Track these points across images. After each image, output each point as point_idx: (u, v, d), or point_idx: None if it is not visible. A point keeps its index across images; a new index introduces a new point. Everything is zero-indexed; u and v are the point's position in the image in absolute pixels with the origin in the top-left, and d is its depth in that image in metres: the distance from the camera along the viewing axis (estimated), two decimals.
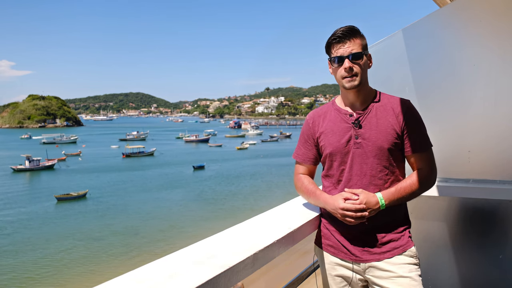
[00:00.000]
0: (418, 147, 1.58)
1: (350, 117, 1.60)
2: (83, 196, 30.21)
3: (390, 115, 1.57)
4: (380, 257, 1.56)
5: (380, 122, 1.56)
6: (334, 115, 1.66)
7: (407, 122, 1.56)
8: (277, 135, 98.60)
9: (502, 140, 2.07)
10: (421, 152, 1.59)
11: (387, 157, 1.56)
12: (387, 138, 1.55)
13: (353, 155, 1.58)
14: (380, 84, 2.17)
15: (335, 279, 1.67)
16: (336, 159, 1.62)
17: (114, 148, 69.52)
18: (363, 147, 1.56)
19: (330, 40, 1.57)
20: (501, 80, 2.06)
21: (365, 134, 1.56)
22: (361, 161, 1.57)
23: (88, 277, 15.81)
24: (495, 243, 2.08)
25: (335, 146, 1.60)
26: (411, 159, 1.61)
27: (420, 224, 2.28)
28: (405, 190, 1.54)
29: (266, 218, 1.68)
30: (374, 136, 1.55)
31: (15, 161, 47.88)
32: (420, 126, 1.60)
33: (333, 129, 1.63)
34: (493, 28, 2.07)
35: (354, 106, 1.62)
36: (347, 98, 1.63)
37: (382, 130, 1.55)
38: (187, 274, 1.08)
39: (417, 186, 1.55)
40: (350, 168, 1.59)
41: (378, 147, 1.54)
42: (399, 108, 1.58)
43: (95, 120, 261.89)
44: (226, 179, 37.85)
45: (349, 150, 1.58)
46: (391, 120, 1.56)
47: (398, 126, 1.56)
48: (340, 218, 1.52)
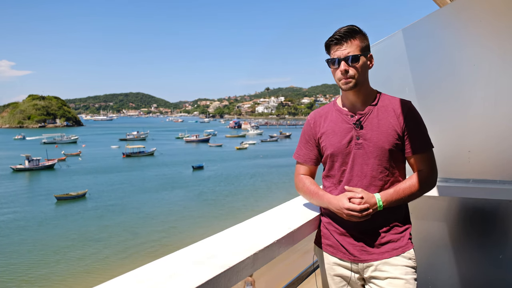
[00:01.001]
0: (419, 148, 1.57)
1: (352, 117, 1.60)
2: (83, 196, 30.20)
3: (391, 116, 1.57)
4: (378, 257, 1.56)
5: (381, 123, 1.56)
6: (335, 115, 1.66)
7: (408, 123, 1.56)
8: (277, 135, 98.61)
9: (502, 140, 2.07)
10: (422, 153, 1.58)
11: (388, 158, 1.55)
12: (388, 139, 1.55)
13: (354, 156, 1.58)
14: (380, 84, 2.17)
15: (334, 278, 1.67)
16: (337, 160, 1.62)
17: (114, 148, 69.51)
18: (364, 148, 1.56)
19: (328, 42, 1.57)
20: (501, 80, 2.06)
21: (366, 135, 1.56)
22: (362, 162, 1.57)
23: (88, 277, 15.81)
24: (495, 243, 2.08)
25: (336, 146, 1.61)
26: (412, 160, 1.60)
27: (420, 224, 2.28)
28: (404, 192, 1.54)
29: (266, 218, 1.68)
30: (376, 137, 1.55)
31: (14, 161, 47.86)
32: (420, 127, 1.60)
33: (334, 129, 1.63)
34: (493, 28, 2.07)
35: (355, 107, 1.62)
36: (348, 98, 1.64)
37: (383, 131, 1.55)
38: (187, 274, 1.08)
39: (416, 187, 1.54)
40: (351, 168, 1.59)
41: (379, 148, 1.54)
42: (400, 109, 1.58)
43: (95, 120, 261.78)
44: (226, 179, 37.86)
45: (350, 150, 1.58)
46: (392, 121, 1.56)
47: (399, 127, 1.56)
48: (346, 217, 1.53)
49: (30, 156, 45.74)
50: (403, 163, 1.63)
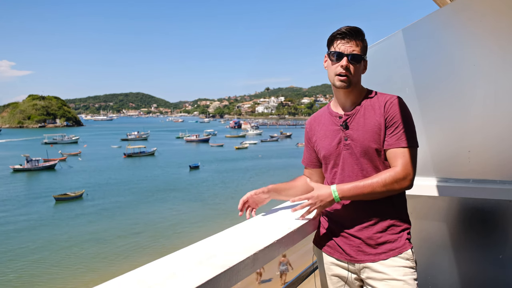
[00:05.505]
0: (395, 142, 1.49)
1: (340, 119, 1.61)
2: (80, 197, 30.16)
3: (378, 113, 1.55)
4: (375, 258, 1.54)
5: (367, 122, 1.55)
6: (327, 118, 1.68)
7: (389, 117, 1.52)
8: (277, 135, 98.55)
9: (502, 140, 2.07)
10: (397, 148, 1.49)
11: (377, 157, 1.54)
12: (373, 137, 1.53)
13: (344, 157, 1.59)
14: (380, 84, 2.17)
15: (331, 278, 1.67)
16: (330, 162, 1.64)
17: (114, 148, 69.51)
18: (352, 148, 1.56)
19: (335, 34, 1.56)
20: (501, 80, 2.06)
21: (353, 135, 1.56)
22: (352, 162, 1.57)
23: (88, 277, 15.81)
24: (495, 243, 2.08)
25: (327, 149, 1.63)
26: (388, 155, 1.53)
27: (420, 224, 2.28)
28: (363, 187, 1.47)
29: (266, 218, 1.69)
30: (361, 136, 1.54)
31: (13, 161, 47.85)
32: (402, 121, 1.51)
33: (325, 132, 1.66)
34: (493, 27, 2.07)
35: (344, 108, 1.62)
36: (338, 98, 1.63)
37: (369, 130, 1.54)
38: (187, 274, 1.08)
39: (380, 184, 1.46)
40: (342, 170, 1.60)
41: (365, 147, 1.53)
42: (386, 105, 1.54)
43: (95, 120, 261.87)
44: (226, 180, 37.84)
45: (340, 152, 1.59)
46: (378, 119, 1.54)
47: (383, 123, 1.53)
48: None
49: (28, 157, 45.70)
50: None
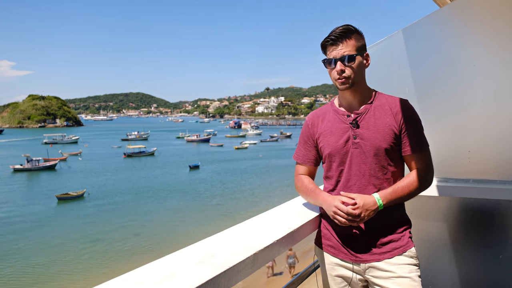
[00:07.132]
0: (416, 147, 1.58)
1: (348, 117, 1.61)
2: (81, 196, 30.19)
3: (388, 115, 1.58)
4: (380, 258, 1.56)
5: (378, 122, 1.57)
6: (332, 115, 1.67)
7: (405, 122, 1.57)
8: (277, 135, 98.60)
9: (502, 140, 2.07)
10: (419, 152, 1.58)
11: (386, 157, 1.56)
12: (385, 138, 1.55)
13: (351, 155, 1.58)
14: (380, 84, 2.17)
15: (335, 279, 1.67)
16: (335, 160, 1.63)
17: (114, 148, 69.52)
18: (362, 147, 1.56)
19: (324, 42, 1.58)
20: (501, 80, 2.06)
21: (363, 134, 1.57)
22: (359, 161, 1.57)
23: (88, 277, 15.81)
24: (495, 243, 2.08)
25: (334, 146, 1.61)
26: (409, 159, 1.61)
27: (420, 224, 2.28)
28: (402, 190, 1.54)
29: (266, 218, 1.68)
30: (373, 136, 1.56)
31: (13, 161, 47.84)
32: (417, 126, 1.60)
33: (331, 130, 1.64)
34: (493, 28, 2.07)
35: (351, 106, 1.63)
36: (344, 98, 1.65)
37: (380, 130, 1.56)
38: (187, 274, 1.08)
39: (414, 186, 1.55)
40: (349, 168, 1.59)
41: (376, 147, 1.55)
42: (397, 108, 1.58)
43: (95, 120, 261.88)
44: (225, 179, 37.84)
45: (348, 150, 1.59)
46: (389, 120, 1.57)
47: (396, 126, 1.56)
48: (331, 216, 1.54)
49: (29, 156, 45.69)
50: (400, 162, 1.63)
